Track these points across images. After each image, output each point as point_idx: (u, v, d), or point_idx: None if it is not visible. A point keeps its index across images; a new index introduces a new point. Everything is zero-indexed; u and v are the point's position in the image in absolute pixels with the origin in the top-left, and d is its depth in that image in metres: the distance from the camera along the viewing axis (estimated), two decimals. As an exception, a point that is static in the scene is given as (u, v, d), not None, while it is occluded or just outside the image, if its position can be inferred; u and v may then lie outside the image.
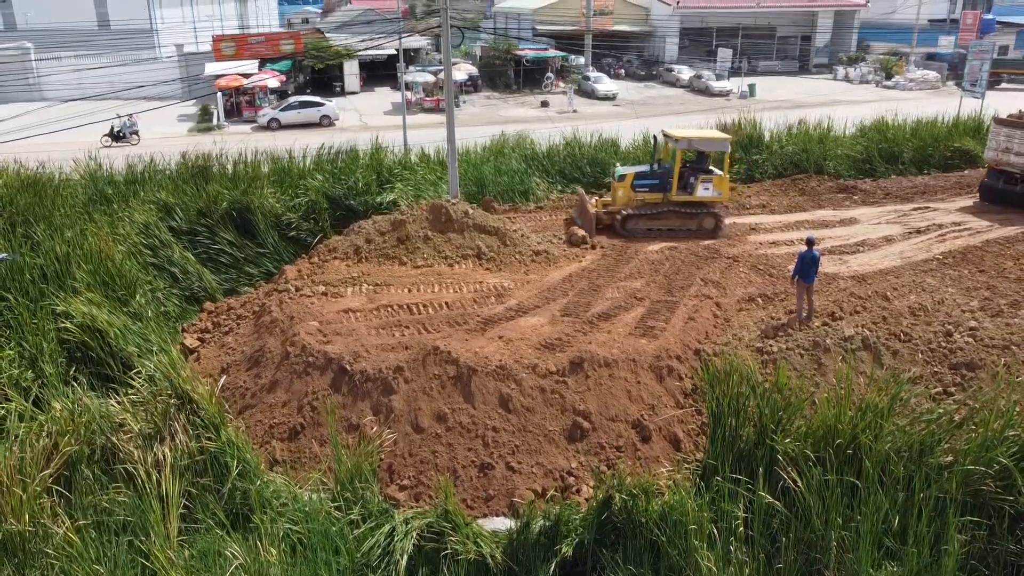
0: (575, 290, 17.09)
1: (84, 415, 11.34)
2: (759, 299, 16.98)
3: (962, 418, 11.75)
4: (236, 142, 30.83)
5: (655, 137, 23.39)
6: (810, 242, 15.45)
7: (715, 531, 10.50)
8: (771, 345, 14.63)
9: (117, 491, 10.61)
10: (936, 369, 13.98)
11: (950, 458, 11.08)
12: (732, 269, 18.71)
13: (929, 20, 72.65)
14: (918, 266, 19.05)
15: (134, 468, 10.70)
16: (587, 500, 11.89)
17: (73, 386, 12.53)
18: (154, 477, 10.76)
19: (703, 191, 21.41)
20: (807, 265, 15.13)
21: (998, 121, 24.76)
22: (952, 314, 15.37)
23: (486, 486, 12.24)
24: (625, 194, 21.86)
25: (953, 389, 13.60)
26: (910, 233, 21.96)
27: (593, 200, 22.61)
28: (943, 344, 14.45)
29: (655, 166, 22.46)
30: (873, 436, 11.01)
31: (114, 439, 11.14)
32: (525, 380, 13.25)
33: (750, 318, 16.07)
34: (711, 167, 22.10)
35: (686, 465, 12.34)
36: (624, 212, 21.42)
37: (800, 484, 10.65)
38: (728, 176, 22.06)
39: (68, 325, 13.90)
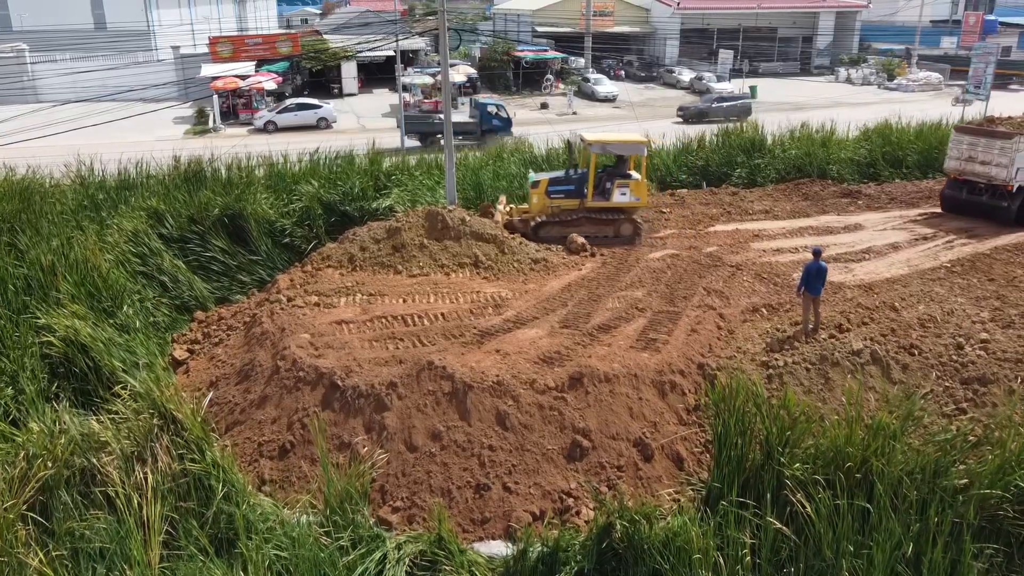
0: (574, 300, 16.63)
1: (63, 436, 10.87)
2: (763, 309, 16.52)
3: (977, 438, 11.29)
4: (231, 145, 30.40)
5: (569, 142, 22.79)
6: (816, 253, 14.96)
7: (721, 559, 10.05)
8: (777, 359, 14.16)
9: (96, 517, 10.15)
10: (948, 384, 13.54)
11: (965, 481, 10.63)
12: (735, 278, 18.24)
13: (931, 21, 72.28)
14: (926, 274, 18.61)
15: (114, 492, 10.25)
16: (587, 523, 11.43)
17: (53, 404, 12.06)
18: (135, 501, 10.31)
19: (619, 196, 20.72)
20: (813, 277, 14.67)
21: (959, 129, 23.66)
22: (962, 325, 14.92)
23: (482, 508, 11.78)
24: (540, 201, 21.15)
25: (966, 405, 13.16)
26: (916, 240, 21.53)
27: (508, 208, 21.87)
28: (954, 357, 14.00)
29: (571, 171, 21.78)
30: (885, 459, 10.55)
31: (93, 460, 10.69)
32: (523, 396, 12.79)
33: (755, 330, 15.61)
34: (630, 171, 21.38)
35: (690, 487, 11.89)
36: (537, 219, 20.78)
37: (809, 509, 10.20)
38: (646, 180, 21.31)
39: (51, 339, 13.44)
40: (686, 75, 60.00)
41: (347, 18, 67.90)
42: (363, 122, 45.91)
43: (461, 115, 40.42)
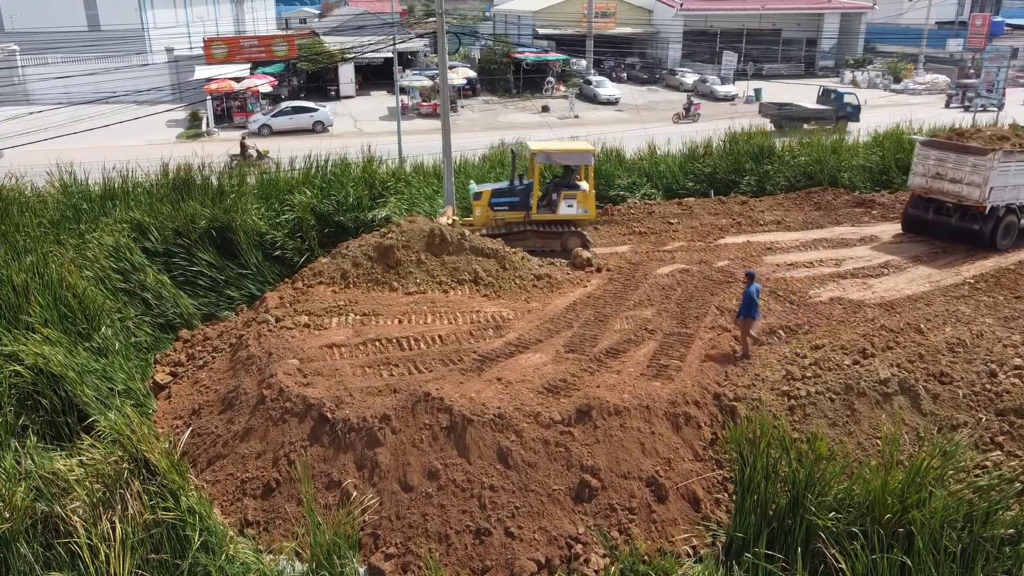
0: (580, 321, 15.69)
1: (23, 482, 9.93)
2: (780, 331, 15.57)
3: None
4: (225, 150, 29.45)
5: (513, 151, 21.89)
6: (751, 276, 14.53)
7: (746, 621, 9.14)
8: (799, 388, 13.21)
9: (58, 574, 9.19)
10: (982, 415, 12.62)
11: (1012, 531, 9.71)
12: (749, 296, 17.29)
13: (937, 23, 71.38)
14: (948, 291, 17.71)
15: (77, 545, 9.30)
16: (596, 573, 10.51)
17: (15, 445, 11.08)
18: (102, 554, 9.35)
19: (566, 208, 19.76)
20: (754, 301, 14.24)
21: (926, 143, 21.61)
22: (993, 350, 14.01)
23: (482, 555, 10.84)
24: (483, 213, 20.22)
25: (1001, 438, 12.26)
26: (936, 252, 20.61)
27: (452, 219, 20.67)
28: (987, 386, 13.10)
29: (516, 182, 20.77)
30: (925, 507, 9.61)
31: (57, 508, 9.74)
32: (526, 431, 11.85)
33: (772, 354, 14.65)
34: (579, 182, 20.33)
35: (709, 533, 10.94)
36: (479, 233, 19.64)
37: (844, 565, 9.26)
38: (594, 191, 20.32)
39: (19, 369, 12.46)
40: (690, 77, 59.07)
41: (345, 19, 66.82)
42: (360, 125, 45.00)
43: (811, 103, 44.43)
